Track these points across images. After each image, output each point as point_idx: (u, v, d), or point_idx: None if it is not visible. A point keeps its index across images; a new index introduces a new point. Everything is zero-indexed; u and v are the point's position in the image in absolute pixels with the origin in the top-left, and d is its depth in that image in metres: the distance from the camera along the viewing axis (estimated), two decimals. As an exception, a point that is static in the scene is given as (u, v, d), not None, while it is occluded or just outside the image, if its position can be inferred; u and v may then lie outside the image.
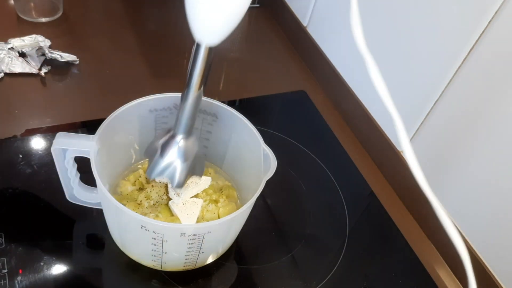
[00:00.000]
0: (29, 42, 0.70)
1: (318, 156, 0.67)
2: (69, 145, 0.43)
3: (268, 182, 0.45)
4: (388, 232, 0.60)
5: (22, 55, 0.69)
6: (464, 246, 0.34)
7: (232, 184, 0.56)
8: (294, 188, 0.63)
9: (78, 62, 0.72)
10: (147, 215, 0.48)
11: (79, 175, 0.48)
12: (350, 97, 0.72)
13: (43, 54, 0.69)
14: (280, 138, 0.68)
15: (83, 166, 0.45)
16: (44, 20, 0.78)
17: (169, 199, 0.50)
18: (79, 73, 0.71)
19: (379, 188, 0.65)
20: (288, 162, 0.63)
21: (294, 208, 0.61)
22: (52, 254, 0.49)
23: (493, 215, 0.52)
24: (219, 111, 0.51)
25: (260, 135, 0.49)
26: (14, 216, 0.51)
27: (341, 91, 0.74)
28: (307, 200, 0.61)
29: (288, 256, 0.54)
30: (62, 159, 0.44)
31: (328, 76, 0.77)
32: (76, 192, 0.48)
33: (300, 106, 0.76)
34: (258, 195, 0.44)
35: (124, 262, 0.50)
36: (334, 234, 0.58)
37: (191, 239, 0.43)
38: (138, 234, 0.43)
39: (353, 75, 0.72)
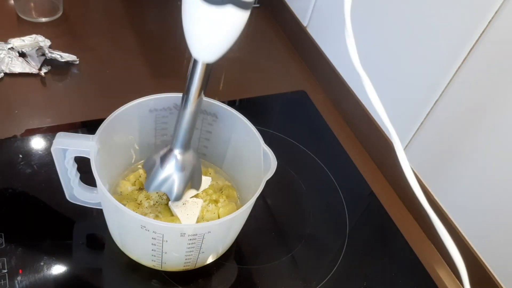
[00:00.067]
0: (29, 42, 0.70)
1: (318, 156, 0.67)
2: (69, 145, 0.43)
3: (268, 182, 0.45)
4: (388, 232, 0.60)
5: (22, 55, 0.69)
6: (461, 258, 0.34)
7: (232, 184, 0.56)
8: (294, 188, 0.63)
9: (78, 62, 0.72)
10: (147, 215, 0.48)
11: (79, 175, 0.48)
12: (350, 97, 0.72)
13: (43, 54, 0.69)
14: (280, 138, 0.68)
15: (83, 166, 0.45)
16: (44, 20, 0.78)
17: (169, 199, 0.50)
18: (79, 73, 0.71)
19: (379, 188, 0.65)
20: (288, 162, 0.63)
21: (294, 208, 0.61)
22: (52, 254, 0.49)
23: (493, 215, 0.52)
24: (219, 111, 0.51)
25: (260, 135, 0.49)
26: (14, 216, 0.51)
27: (341, 91, 0.74)
28: (307, 200, 0.61)
29: (288, 256, 0.54)
30: (62, 159, 0.44)
31: (328, 76, 0.77)
32: (76, 192, 0.48)
33: (300, 106, 0.76)
34: (258, 195, 0.44)
35: (124, 262, 0.50)
36: (334, 234, 0.58)
37: (191, 239, 0.43)
38: (138, 234, 0.43)
39: (353, 75, 0.72)
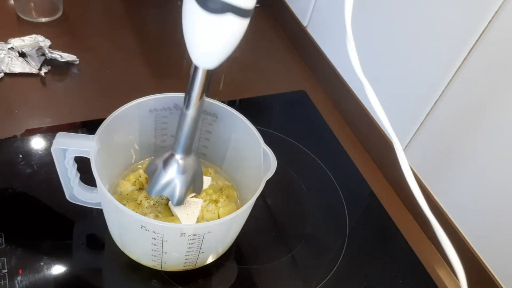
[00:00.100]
0: (29, 42, 0.70)
1: (318, 156, 0.67)
2: (69, 145, 0.43)
3: (268, 182, 0.45)
4: (388, 232, 0.60)
5: (22, 55, 0.69)
6: (459, 261, 0.34)
7: (232, 184, 0.56)
8: (294, 188, 0.63)
9: (78, 62, 0.72)
10: (147, 215, 0.48)
11: (79, 175, 0.48)
12: (350, 97, 0.72)
13: (43, 54, 0.69)
14: (280, 138, 0.68)
15: (83, 166, 0.45)
16: (44, 20, 0.78)
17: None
18: (79, 73, 0.71)
19: (379, 188, 0.65)
20: (288, 162, 0.63)
21: (294, 208, 0.61)
22: (52, 254, 0.49)
23: (493, 215, 0.52)
24: (219, 111, 0.51)
25: (260, 135, 0.49)
26: (14, 216, 0.51)
27: (341, 91, 0.74)
28: (307, 200, 0.61)
29: (288, 256, 0.54)
30: (62, 159, 0.44)
31: (328, 76, 0.77)
32: (76, 192, 0.48)
33: (300, 106, 0.76)
34: (258, 195, 0.44)
35: (124, 262, 0.50)
36: (334, 234, 0.58)
37: (191, 239, 0.43)
38: (138, 234, 0.43)
39: (353, 75, 0.72)
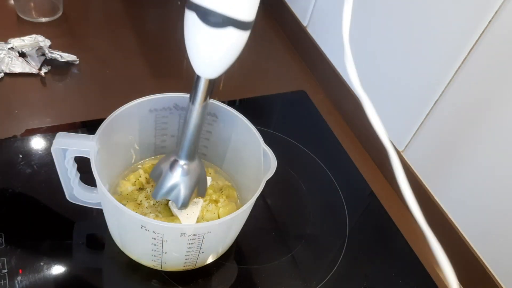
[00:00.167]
0: (29, 42, 0.70)
1: (318, 156, 0.67)
2: (69, 145, 0.43)
3: (268, 182, 0.45)
4: (388, 232, 0.60)
5: (22, 55, 0.69)
6: (452, 270, 0.34)
7: (232, 184, 0.56)
8: (294, 188, 0.63)
9: (78, 62, 0.72)
10: (147, 215, 0.48)
11: (79, 175, 0.48)
12: (350, 97, 0.72)
13: (43, 54, 0.69)
14: (280, 138, 0.68)
15: (83, 166, 0.45)
16: (44, 20, 0.78)
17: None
18: (79, 73, 0.71)
19: (379, 188, 0.65)
20: (288, 162, 0.63)
21: (294, 208, 0.61)
22: (52, 254, 0.49)
23: (493, 215, 0.52)
24: (219, 111, 0.51)
25: (260, 135, 0.49)
26: (14, 216, 0.51)
27: (341, 91, 0.74)
28: (307, 200, 0.61)
29: (288, 256, 0.54)
30: (62, 159, 0.44)
31: (328, 76, 0.77)
32: (76, 192, 0.48)
33: (300, 106, 0.76)
34: (258, 195, 0.44)
35: (124, 262, 0.50)
36: (334, 234, 0.58)
37: (191, 239, 0.43)
38: (138, 234, 0.43)
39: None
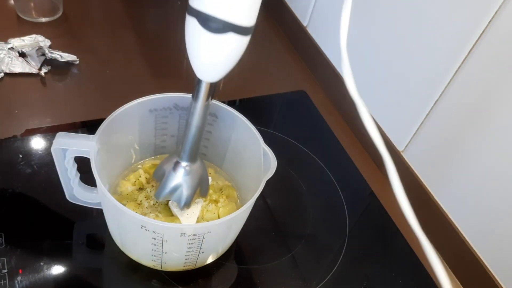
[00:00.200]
0: (29, 42, 0.70)
1: (318, 156, 0.67)
2: (69, 145, 0.43)
3: (268, 182, 0.45)
4: (388, 232, 0.60)
5: (22, 55, 0.69)
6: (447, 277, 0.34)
7: (232, 184, 0.56)
8: (294, 188, 0.63)
9: (78, 62, 0.72)
10: (147, 215, 0.48)
11: (79, 175, 0.48)
12: (350, 97, 0.72)
13: (43, 54, 0.69)
14: (280, 138, 0.68)
15: (83, 166, 0.45)
16: (44, 20, 0.78)
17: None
18: (79, 73, 0.71)
19: (379, 188, 0.65)
20: (288, 162, 0.63)
21: (294, 208, 0.61)
22: (52, 254, 0.49)
23: (493, 215, 0.52)
24: (219, 111, 0.51)
25: (260, 135, 0.49)
26: (14, 216, 0.51)
27: (341, 91, 0.74)
28: (307, 200, 0.61)
29: (288, 256, 0.54)
30: (62, 159, 0.44)
31: (328, 76, 0.77)
32: (76, 192, 0.48)
33: (300, 106, 0.76)
34: (258, 195, 0.44)
35: (124, 262, 0.50)
36: (334, 234, 0.58)
37: (191, 239, 0.43)
38: (138, 234, 0.43)
39: (352, 75, 0.72)
